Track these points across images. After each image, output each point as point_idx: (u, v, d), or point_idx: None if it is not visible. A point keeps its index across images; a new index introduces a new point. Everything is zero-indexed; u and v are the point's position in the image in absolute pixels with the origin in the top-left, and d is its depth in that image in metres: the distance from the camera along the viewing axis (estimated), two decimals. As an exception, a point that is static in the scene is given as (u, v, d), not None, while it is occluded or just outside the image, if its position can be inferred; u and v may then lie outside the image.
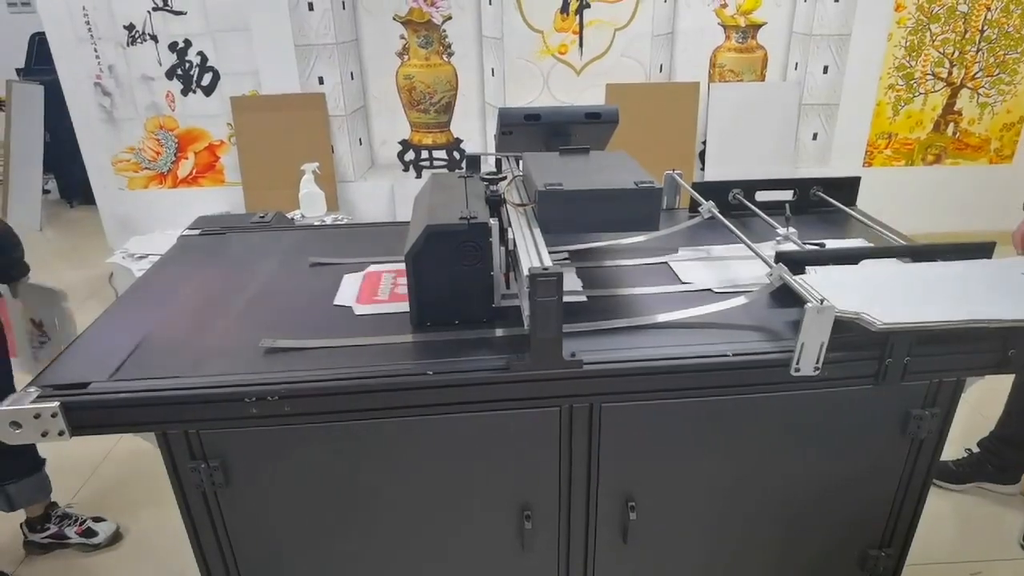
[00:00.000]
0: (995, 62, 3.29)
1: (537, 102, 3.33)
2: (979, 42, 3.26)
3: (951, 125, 3.42)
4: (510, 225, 1.24)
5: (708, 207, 1.61)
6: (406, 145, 3.57)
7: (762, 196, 1.77)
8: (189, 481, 1.14)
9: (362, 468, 1.17)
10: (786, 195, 1.84)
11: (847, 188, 1.85)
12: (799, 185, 1.83)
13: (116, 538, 1.95)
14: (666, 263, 1.51)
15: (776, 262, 1.24)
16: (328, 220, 3.23)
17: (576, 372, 1.10)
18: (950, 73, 3.33)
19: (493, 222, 1.18)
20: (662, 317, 1.23)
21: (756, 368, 1.14)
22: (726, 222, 1.51)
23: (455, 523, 1.24)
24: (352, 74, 3.42)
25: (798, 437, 1.24)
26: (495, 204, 1.30)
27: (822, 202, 1.81)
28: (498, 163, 1.61)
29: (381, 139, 3.60)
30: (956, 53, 3.29)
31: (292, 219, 3.27)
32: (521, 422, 1.14)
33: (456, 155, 3.53)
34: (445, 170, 3.31)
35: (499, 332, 1.21)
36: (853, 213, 1.71)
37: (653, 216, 1.27)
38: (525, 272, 1.05)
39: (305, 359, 1.14)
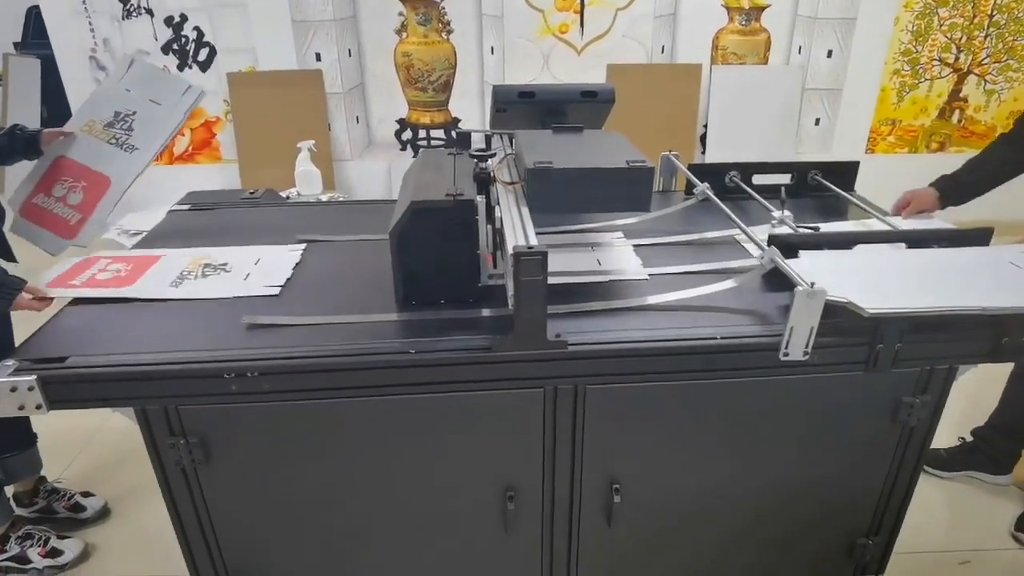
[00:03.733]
0: (1003, 48, 3.23)
1: (537, 82, 3.28)
2: (987, 27, 3.20)
3: (956, 112, 3.37)
4: (498, 203, 1.22)
5: (702, 189, 1.59)
6: (403, 124, 3.54)
7: (760, 180, 1.74)
8: (169, 458, 1.13)
9: (343, 447, 1.16)
10: (784, 179, 1.81)
11: (846, 173, 1.82)
12: (797, 169, 1.81)
13: (104, 513, 1.95)
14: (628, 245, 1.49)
15: (768, 245, 1.21)
16: (324, 198, 3.20)
17: (560, 353, 1.08)
18: (957, 59, 3.27)
19: (480, 200, 1.16)
20: (652, 299, 1.21)
21: (744, 352, 1.12)
22: (720, 204, 1.49)
23: (437, 503, 1.23)
24: (350, 51, 3.38)
25: (786, 423, 1.23)
26: (484, 182, 1.28)
27: (821, 187, 1.79)
28: (488, 140, 1.57)
29: (378, 118, 3.56)
30: (964, 38, 3.23)
31: (286, 196, 3.24)
32: (505, 403, 1.13)
33: (454, 135, 3.48)
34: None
35: (485, 312, 1.19)
36: (851, 198, 1.68)
37: (644, 197, 1.25)
38: (510, 251, 1.03)
39: (288, 336, 1.12)
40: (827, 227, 1.52)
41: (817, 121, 3.39)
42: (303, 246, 1.47)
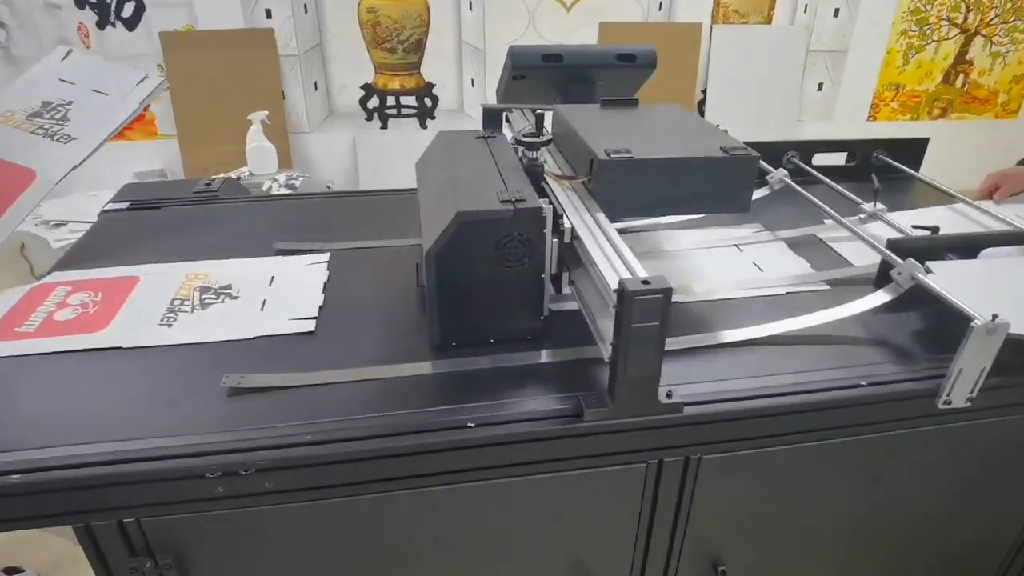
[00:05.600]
0: (1012, 8, 3.06)
1: (521, 41, 2.93)
2: (997, -16, 3.01)
3: (961, 76, 3.20)
4: (564, 210, 0.91)
5: (780, 176, 1.31)
6: (369, 90, 3.12)
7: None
8: (128, 584, 0.80)
9: (374, 555, 0.85)
10: (837, 159, 1.56)
11: (911, 151, 1.58)
12: (859, 147, 1.56)
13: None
14: (736, 247, 1.22)
15: (891, 252, 0.97)
16: (281, 178, 2.80)
17: (675, 419, 0.80)
18: (965, 19, 3.08)
19: (547, 207, 0.85)
20: (758, 331, 0.94)
21: (894, 401, 0.86)
22: (809, 196, 1.22)
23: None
24: (305, 7, 2.93)
25: (927, 478, 0.99)
26: (536, 179, 0.97)
27: (883, 168, 1.54)
28: (491, 117, 1.23)
29: (340, 83, 3.13)
30: (973, -4, 3.04)
31: (236, 177, 2.83)
32: (592, 484, 0.84)
33: (428, 102, 3.10)
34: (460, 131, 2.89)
35: (550, 357, 0.89)
36: (933, 183, 1.44)
37: (747, 193, 0.97)
38: (611, 284, 0.74)
39: (287, 403, 0.80)
40: (911, 217, 1.27)
41: (820, 86, 3.16)
42: (326, 256, 1.14)
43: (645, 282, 0.71)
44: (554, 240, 0.88)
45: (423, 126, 3.12)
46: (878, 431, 0.89)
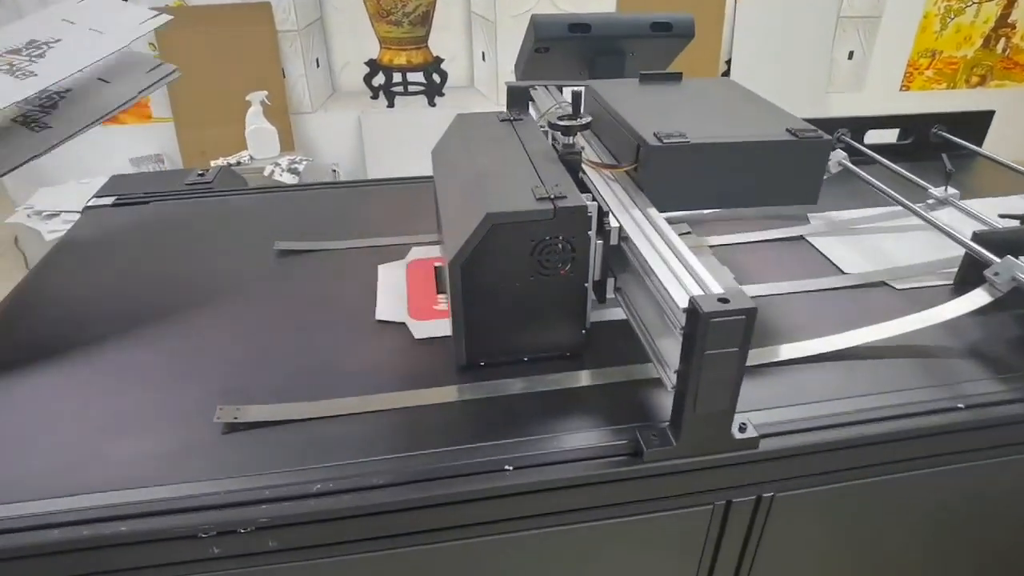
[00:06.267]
0: (1059, -36, 2.85)
1: (536, 11, 2.76)
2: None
3: (1002, 41, 3.01)
4: (609, 207, 0.78)
5: (839, 158, 1.17)
6: (374, 67, 2.96)
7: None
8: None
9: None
10: (887, 135, 1.42)
11: (975, 125, 1.44)
12: (915, 123, 1.41)
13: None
14: (802, 237, 1.08)
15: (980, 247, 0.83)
16: (283, 162, 2.67)
17: (749, 455, 0.68)
18: (1008, -23, 2.88)
19: (591, 205, 0.72)
20: (829, 342, 0.81)
21: (1001, 427, 0.74)
22: (873, 181, 1.08)
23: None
24: (303, -22, 2.77)
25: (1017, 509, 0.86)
26: (574, 169, 0.83)
27: (940, 143, 1.40)
28: (517, 96, 1.08)
29: (343, 60, 2.97)
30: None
31: (236, 162, 2.69)
32: (648, 530, 0.72)
33: (436, 78, 2.94)
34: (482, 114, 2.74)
35: (595, 378, 0.77)
36: (1006, 163, 1.29)
37: (817, 183, 0.84)
38: (678, 301, 0.61)
39: (290, 439, 0.68)
40: (992, 205, 1.13)
41: (850, 54, 2.98)
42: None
43: (722, 299, 0.58)
44: (598, 242, 0.75)
45: (431, 104, 2.97)
46: (978, 459, 0.77)
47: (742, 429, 0.67)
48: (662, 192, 0.80)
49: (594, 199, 0.76)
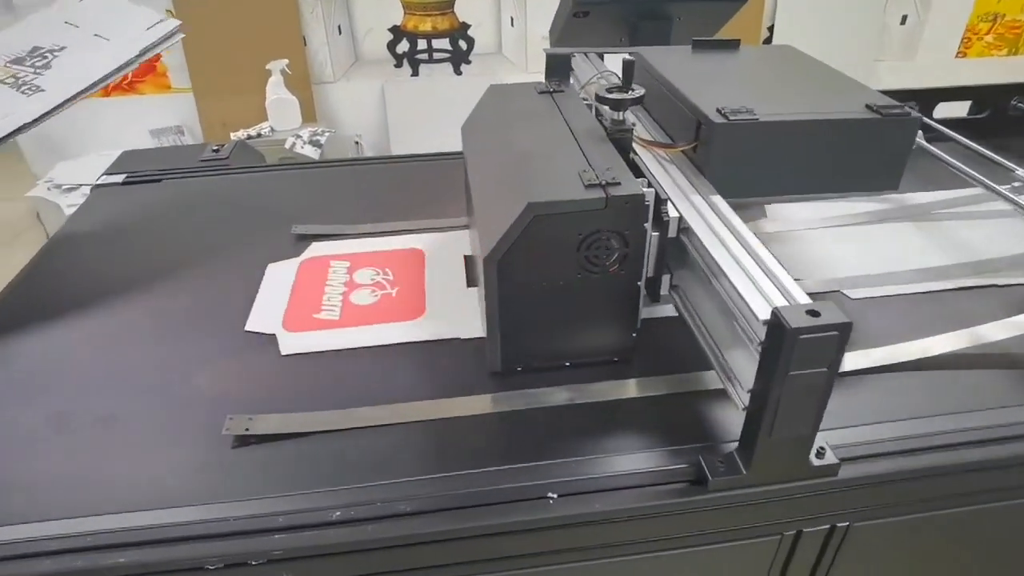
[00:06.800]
0: None
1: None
2: None
3: (1072, 1, 2.79)
4: (667, 195, 0.68)
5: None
6: (398, 33, 2.84)
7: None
8: None
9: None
10: (957, 109, 1.29)
11: (1057, 95, 1.30)
12: (991, 94, 1.28)
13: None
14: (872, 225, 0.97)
15: None
16: (304, 134, 2.58)
17: (827, 484, 0.59)
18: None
19: (647, 192, 0.62)
20: (914, 348, 0.71)
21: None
22: (950, 159, 0.97)
23: None
24: (323, -60, 2.65)
25: None
26: (624, 149, 0.73)
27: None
28: (557, 65, 0.97)
29: (366, 26, 2.86)
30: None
31: (256, 134, 2.61)
32: (706, 563, 0.64)
33: (462, 44, 2.81)
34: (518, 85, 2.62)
35: (645, 388, 0.68)
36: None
37: (900, 167, 0.74)
38: (757, 312, 0.51)
39: (306, 454, 0.61)
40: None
41: (904, 19, 2.78)
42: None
43: (812, 312, 0.49)
44: (654, 234, 0.66)
45: (457, 71, 2.85)
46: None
47: (820, 454, 0.58)
48: (726, 176, 0.71)
49: (649, 185, 0.67)
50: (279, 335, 0.77)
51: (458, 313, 0.79)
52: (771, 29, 2.75)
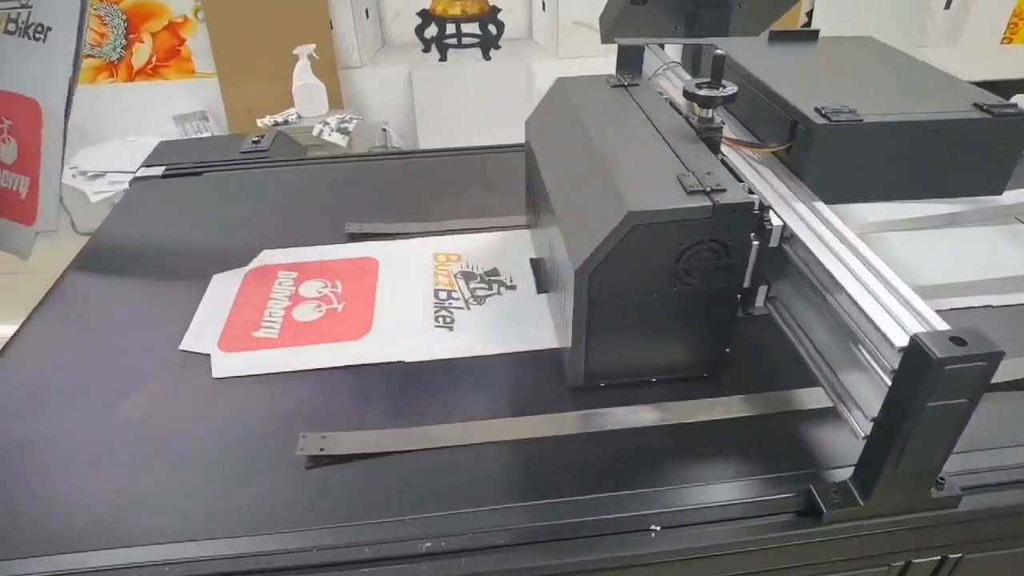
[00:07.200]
0: None
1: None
2: None
3: None
4: (768, 202, 0.63)
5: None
6: (427, 17, 2.78)
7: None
8: None
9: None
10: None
11: None
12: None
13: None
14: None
15: None
16: (332, 122, 2.53)
17: (945, 517, 0.55)
18: None
19: (754, 199, 0.58)
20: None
21: None
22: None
23: None
24: (350, -79, 2.58)
25: None
26: (714, 149, 0.68)
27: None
28: (629, 57, 0.92)
29: (394, 10, 2.80)
30: None
31: (284, 120, 2.57)
32: (812, 593, 0.60)
33: (492, 29, 2.74)
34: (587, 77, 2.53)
35: (742, 407, 0.64)
36: None
37: (1008, 170, 0.69)
38: (892, 338, 0.47)
39: (383, 480, 0.58)
40: None
41: (948, 3, 2.68)
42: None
43: (956, 340, 0.44)
44: (755, 243, 0.61)
45: (486, 57, 2.78)
46: None
47: (939, 485, 0.54)
48: (825, 181, 0.66)
49: (751, 191, 0.62)
50: (213, 355, 0.70)
51: (407, 332, 0.73)
52: (810, 15, 2.66)
